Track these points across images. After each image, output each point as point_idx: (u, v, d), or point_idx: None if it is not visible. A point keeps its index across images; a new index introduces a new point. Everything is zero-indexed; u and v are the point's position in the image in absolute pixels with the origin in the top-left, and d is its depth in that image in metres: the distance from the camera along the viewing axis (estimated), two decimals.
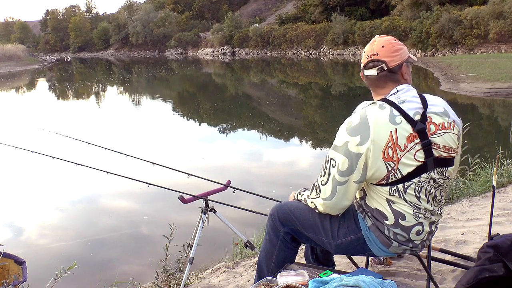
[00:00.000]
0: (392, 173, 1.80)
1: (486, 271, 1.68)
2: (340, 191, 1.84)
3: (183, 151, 9.11)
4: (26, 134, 10.45)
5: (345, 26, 43.05)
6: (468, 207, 3.98)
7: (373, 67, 1.91)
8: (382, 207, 1.88)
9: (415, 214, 1.86)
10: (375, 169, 1.79)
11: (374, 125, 1.77)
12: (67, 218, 5.72)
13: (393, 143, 1.77)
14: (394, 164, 1.79)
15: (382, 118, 1.78)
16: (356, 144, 1.78)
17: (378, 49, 1.90)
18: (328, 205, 1.90)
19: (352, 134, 1.79)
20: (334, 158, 1.84)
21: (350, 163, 1.79)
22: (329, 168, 1.86)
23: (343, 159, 1.80)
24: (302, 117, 14.55)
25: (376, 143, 1.77)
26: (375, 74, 1.91)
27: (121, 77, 32.93)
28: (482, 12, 31.98)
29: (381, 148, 1.77)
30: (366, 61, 1.93)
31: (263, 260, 2.17)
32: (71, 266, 2.19)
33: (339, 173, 1.82)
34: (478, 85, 15.26)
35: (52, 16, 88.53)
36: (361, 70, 1.99)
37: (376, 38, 1.95)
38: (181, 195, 2.71)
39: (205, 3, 70.29)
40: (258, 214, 3.11)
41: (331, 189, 1.86)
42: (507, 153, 5.24)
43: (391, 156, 1.78)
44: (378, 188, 1.86)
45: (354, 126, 1.81)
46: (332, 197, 1.87)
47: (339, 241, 1.99)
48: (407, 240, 1.89)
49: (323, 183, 1.89)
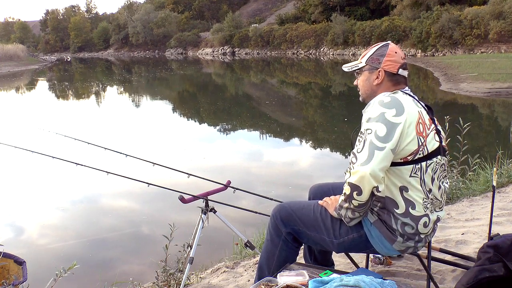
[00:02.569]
0: (422, 148, 1.89)
1: (486, 271, 1.68)
2: (378, 155, 1.81)
3: (183, 151, 9.11)
4: (26, 134, 10.45)
5: (345, 26, 43.06)
6: (468, 207, 3.98)
7: (406, 69, 2.04)
8: (394, 195, 1.90)
9: (424, 203, 1.91)
10: (409, 139, 1.85)
11: (405, 102, 1.90)
12: (67, 218, 5.72)
13: (422, 120, 1.92)
14: (423, 140, 1.89)
15: (409, 100, 1.94)
16: (393, 115, 1.84)
17: (404, 55, 2.07)
18: (364, 170, 1.80)
19: (387, 107, 1.86)
20: (370, 127, 1.86)
21: (387, 130, 1.83)
22: (365, 136, 1.86)
23: (381, 125, 1.83)
24: (302, 117, 14.55)
25: (410, 116, 1.87)
26: (406, 76, 2.04)
27: (121, 77, 32.93)
28: (482, 12, 31.98)
29: (415, 121, 1.88)
30: (402, 62, 2.02)
31: (264, 260, 2.17)
32: (71, 266, 2.19)
33: (377, 137, 1.83)
34: (478, 85, 15.25)
35: (52, 16, 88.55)
36: (380, 68, 2.01)
37: (392, 43, 2.09)
38: (181, 195, 2.71)
39: (205, 3, 70.30)
40: (258, 214, 3.11)
41: (367, 153, 1.82)
42: (507, 153, 5.24)
43: (422, 131, 1.90)
44: (399, 169, 1.88)
45: (387, 102, 1.88)
46: (369, 161, 1.81)
47: (341, 240, 2.01)
48: (414, 232, 1.91)
49: (359, 151, 1.86)
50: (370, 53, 2.05)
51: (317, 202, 2.15)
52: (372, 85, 2.03)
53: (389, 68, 1.99)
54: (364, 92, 2.08)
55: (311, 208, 2.10)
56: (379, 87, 2.01)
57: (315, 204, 2.13)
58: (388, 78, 2.00)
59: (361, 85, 2.08)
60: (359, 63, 2.08)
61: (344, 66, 2.15)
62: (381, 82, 2.00)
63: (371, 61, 2.03)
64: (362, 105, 2.24)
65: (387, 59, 2.00)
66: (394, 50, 2.02)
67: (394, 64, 1.99)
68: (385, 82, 2.00)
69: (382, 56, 2.01)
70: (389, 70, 1.99)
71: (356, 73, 2.12)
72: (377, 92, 2.01)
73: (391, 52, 2.01)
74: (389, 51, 2.01)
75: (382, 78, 2.00)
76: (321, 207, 2.09)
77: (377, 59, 2.02)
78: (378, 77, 2.01)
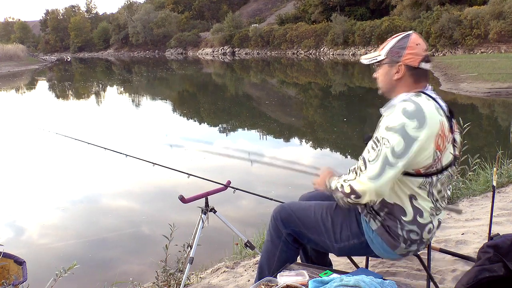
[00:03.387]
0: (436, 162, 1.82)
1: (486, 271, 1.68)
2: (389, 173, 1.75)
3: (183, 151, 9.11)
4: (26, 134, 10.46)
5: (345, 26, 43.05)
6: (468, 207, 3.98)
7: (429, 62, 1.92)
8: (403, 202, 1.86)
9: (431, 211, 1.89)
10: (426, 154, 1.78)
11: (429, 112, 1.78)
12: (67, 218, 5.72)
13: (443, 132, 1.82)
14: (440, 154, 1.82)
15: (433, 108, 1.81)
16: (414, 127, 1.74)
17: (427, 46, 1.93)
18: (371, 185, 1.76)
19: (409, 117, 1.75)
20: (388, 138, 1.76)
21: (405, 145, 1.74)
22: (380, 146, 1.77)
23: (399, 139, 1.74)
24: (302, 117, 14.55)
25: (432, 129, 1.77)
26: (429, 69, 1.92)
27: (121, 77, 32.93)
28: (482, 12, 31.98)
29: (435, 135, 1.79)
30: (424, 55, 1.88)
31: (265, 261, 2.16)
32: (71, 266, 2.19)
33: (392, 153, 1.75)
34: (478, 85, 15.24)
35: (52, 16, 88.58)
36: (400, 62, 1.88)
37: (415, 33, 1.95)
38: (181, 195, 2.71)
39: (205, 3, 70.30)
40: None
41: (379, 167, 1.75)
42: (507, 153, 5.24)
43: (440, 144, 1.81)
44: (410, 180, 1.83)
45: (410, 110, 1.77)
46: (379, 177, 1.75)
47: (342, 244, 1.99)
48: (418, 238, 1.90)
49: (370, 160, 1.78)
50: (390, 45, 1.92)
51: (318, 203, 2.12)
52: (392, 80, 1.92)
53: (410, 62, 1.87)
54: (383, 86, 1.97)
55: (312, 210, 2.08)
56: (400, 81, 1.90)
57: (316, 205, 2.11)
58: (409, 73, 1.88)
59: (381, 79, 1.97)
60: (378, 55, 1.96)
61: (363, 58, 2.03)
62: (401, 76, 1.89)
63: (391, 54, 1.91)
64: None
65: (408, 52, 1.87)
66: (415, 41, 1.88)
67: (416, 57, 1.87)
68: (406, 76, 1.89)
69: (402, 49, 1.88)
70: (410, 64, 1.87)
71: (375, 66, 1.99)
72: (397, 87, 1.91)
73: (412, 44, 1.88)
74: (410, 43, 1.88)
75: (402, 72, 1.88)
76: (322, 209, 2.07)
77: (397, 52, 1.89)
78: (398, 72, 1.89)
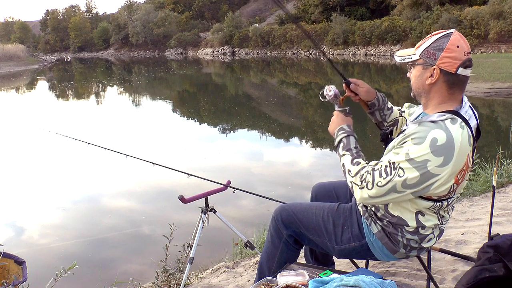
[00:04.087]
0: (451, 192, 1.77)
1: (486, 271, 1.68)
2: (392, 196, 1.71)
3: (183, 151, 9.11)
4: (26, 134, 10.46)
5: (345, 26, 43.07)
6: (468, 207, 3.98)
7: (469, 67, 1.72)
8: (407, 216, 1.82)
9: (435, 226, 1.86)
10: (443, 189, 1.71)
11: (459, 148, 1.64)
12: (67, 218, 5.72)
13: (466, 166, 1.72)
14: (457, 186, 1.76)
15: (465, 141, 1.67)
16: (438, 165, 1.63)
17: (469, 47, 1.73)
18: (369, 200, 1.74)
19: (436, 154, 1.62)
20: (405, 170, 1.65)
21: (421, 179, 1.65)
22: (393, 175, 1.67)
23: (416, 175, 1.65)
24: (302, 117, 14.55)
25: (456, 166, 1.67)
26: (468, 75, 1.74)
27: (121, 77, 32.93)
28: (482, 12, 32.01)
29: (458, 170, 1.69)
30: (464, 59, 1.69)
31: (265, 261, 2.16)
32: (71, 266, 2.19)
33: (403, 184, 1.67)
34: (478, 85, 15.24)
35: (52, 16, 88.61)
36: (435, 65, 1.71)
37: (457, 32, 1.73)
38: (181, 195, 2.71)
39: (205, 3, 70.32)
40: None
41: (384, 192, 1.70)
42: (507, 153, 5.24)
43: (459, 178, 1.73)
44: (420, 201, 1.77)
45: (439, 145, 1.62)
46: (380, 197, 1.72)
47: (342, 247, 1.99)
48: (417, 246, 1.89)
49: (379, 185, 1.70)
50: (426, 44, 1.74)
51: (319, 204, 2.12)
52: (424, 84, 1.76)
53: (446, 67, 1.69)
54: (415, 88, 1.82)
55: (313, 211, 2.07)
56: (433, 87, 1.74)
57: (317, 207, 2.10)
58: (444, 78, 1.71)
59: (413, 81, 1.82)
60: (413, 54, 1.79)
61: (397, 55, 1.88)
62: (435, 81, 1.72)
63: (426, 55, 1.73)
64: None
65: (445, 55, 1.68)
66: (455, 43, 1.68)
67: (454, 61, 1.68)
68: (440, 82, 1.72)
69: (440, 51, 1.70)
70: (446, 69, 1.69)
71: (409, 65, 1.84)
72: (430, 93, 1.77)
73: (452, 46, 1.68)
74: (449, 45, 1.68)
75: (436, 77, 1.71)
76: (324, 211, 2.05)
77: (433, 54, 1.71)
78: (432, 76, 1.72)
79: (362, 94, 2.15)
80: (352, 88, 2.13)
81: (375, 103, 2.18)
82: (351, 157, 1.84)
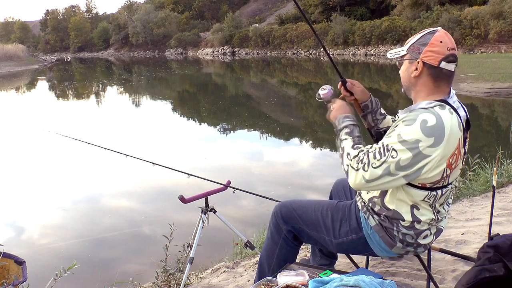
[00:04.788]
0: (444, 179, 1.80)
1: (486, 271, 1.68)
2: (385, 180, 1.74)
3: (183, 151, 9.11)
4: (26, 134, 10.46)
5: (345, 26, 43.08)
6: (468, 207, 3.98)
7: (453, 62, 1.80)
8: (403, 210, 1.85)
9: (431, 221, 1.88)
10: (436, 172, 1.75)
11: (450, 130, 1.71)
12: (67, 218, 5.72)
13: (458, 150, 1.77)
14: (450, 171, 1.79)
15: (455, 125, 1.74)
16: (429, 145, 1.68)
17: (454, 44, 1.80)
18: (363, 184, 1.76)
19: (427, 134, 1.68)
20: (398, 151, 1.70)
21: (413, 161, 1.70)
22: (387, 157, 1.72)
23: (409, 156, 1.69)
24: (302, 117, 14.55)
25: (447, 148, 1.72)
26: (452, 70, 1.81)
27: (121, 77, 32.93)
28: (482, 12, 32.03)
29: (450, 153, 1.74)
30: (446, 54, 1.77)
31: (264, 258, 2.18)
32: (71, 266, 2.19)
33: (397, 166, 1.71)
34: (478, 85, 15.25)
35: (52, 16, 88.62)
36: (419, 59, 1.80)
37: (442, 30, 1.83)
38: (181, 195, 2.71)
39: (205, 3, 70.33)
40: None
41: (379, 175, 1.73)
42: (507, 153, 5.24)
43: (452, 163, 1.77)
44: (415, 191, 1.81)
45: (429, 126, 1.69)
46: (374, 181, 1.74)
47: (340, 240, 2.01)
48: (413, 242, 1.90)
49: (374, 166, 1.74)
50: (413, 40, 1.85)
51: (319, 201, 2.16)
52: (410, 77, 1.85)
53: (428, 60, 1.78)
54: (404, 82, 1.91)
55: (312, 207, 2.11)
56: (418, 80, 1.83)
57: (316, 203, 2.14)
58: (428, 72, 1.80)
59: (402, 75, 1.91)
60: (401, 50, 1.89)
61: (389, 53, 1.97)
62: (419, 75, 1.81)
63: (412, 50, 1.83)
64: None
65: (428, 49, 1.78)
66: (439, 39, 1.78)
67: (436, 56, 1.77)
68: (425, 76, 1.81)
69: (424, 45, 1.79)
70: (429, 62, 1.78)
71: (398, 61, 1.94)
72: (416, 86, 1.85)
73: (435, 42, 1.78)
74: (433, 40, 1.78)
75: (420, 70, 1.80)
76: (323, 207, 2.09)
77: (418, 48, 1.81)
78: (417, 69, 1.81)
79: (357, 94, 2.22)
80: (348, 87, 2.21)
81: (369, 105, 2.25)
82: (352, 143, 1.89)
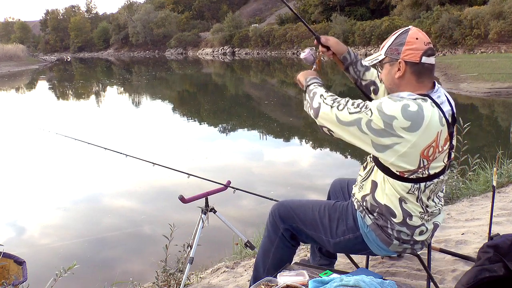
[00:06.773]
0: (421, 170, 1.79)
1: (486, 271, 1.68)
2: (354, 129, 1.78)
3: (183, 151, 9.11)
4: (26, 134, 10.45)
5: (345, 26, 43.05)
6: (468, 207, 3.97)
7: (432, 55, 1.82)
8: (393, 204, 1.86)
9: (421, 216, 1.88)
10: (407, 159, 1.75)
11: (428, 122, 1.72)
12: (67, 218, 5.72)
13: (436, 143, 1.76)
14: (427, 163, 1.78)
15: (435, 118, 1.74)
16: (403, 127, 1.70)
17: (428, 38, 1.85)
18: (333, 121, 1.84)
19: (405, 117, 1.70)
20: (373, 113, 1.74)
21: (383, 131, 1.72)
22: (362, 111, 1.76)
23: (380, 123, 1.72)
24: (302, 117, 14.54)
25: (423, 138, 1.72)
26: (433, 63, 1.84)
27: (121, 77, 32.93)
28: (482, 12, 31.99)
29: (424, 145, 1.74)
30: (425, 48, 1.80)
31: (260, 258, 2.18)
32: (71, 266, 2.19)
33: (367, 124, 1.74)
34: (478, 85, 15.24)
35: (52, 16, 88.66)
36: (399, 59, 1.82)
37: (414, 27, 1.88)
38: (181, 195, 2.72)
39: (205, 3, 70.32)
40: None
41: (351, 120, 1.78)
42: (507, 153, 5.24)
43: (429, 155, 1.77)
44: (399, 184, 1.82)
45: (410, 110, 1.71)
46: (344, 124, 1.80)
47: (338, 240, 2.01)
48: (409, 239, 1.90)
49: (349, 111, 1.79)
50: (389, 43, 1.87)
51: (317, 201, 2.16)
52: (394, 79, 1.85)
53: (409, 58, 1.80)
54: (387, 85, 1.93)
55: (310, 206, 2.10)
56: (402, 80, 1.84)
57: (314, 203, 2.14)
58: (411, 70, 1.81)
59: (384, 79, 1.92)
60: (379, 55, 1.91)
61: (365, 60, 2.00)
62: (403, 74, 1.82)
63: (390, 52, 1.85)
64: None
65: (407, 48, 1.80)
66: (414, 36, 1.81)
67: (416, 52, 1.80)
68: (408, 74, 1.82)
69: (401, 45, 1.82)
70: (410, 60, 1.80)
71: (377, 67, 1.96)
72: (401, 87, 1.85)
73: (411, 39, 1.81)
74: (409, 38, 1.81)
75: (403, 70, 1.82)
76: (320, 206, 2.09)
77: (396, 49, 1.83)
78: (399, 69, 1.82)
79: (332, 46, 2.32)
80: (322, 41, 2.33)
81: (347, 57, 2.33)
82: (325, 90, 1.98)
